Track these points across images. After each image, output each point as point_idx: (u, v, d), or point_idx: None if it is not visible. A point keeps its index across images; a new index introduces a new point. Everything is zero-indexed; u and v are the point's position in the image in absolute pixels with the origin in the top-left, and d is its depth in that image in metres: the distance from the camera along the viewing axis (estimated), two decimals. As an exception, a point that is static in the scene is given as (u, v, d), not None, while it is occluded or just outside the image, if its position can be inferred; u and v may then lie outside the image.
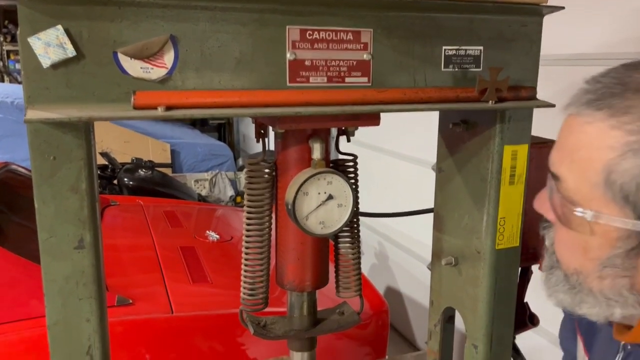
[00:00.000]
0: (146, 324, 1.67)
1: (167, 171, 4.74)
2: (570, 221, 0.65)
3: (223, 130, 7.68)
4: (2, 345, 1.53)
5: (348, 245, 0.93)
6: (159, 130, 5.33)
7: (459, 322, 1.12)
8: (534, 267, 1.09)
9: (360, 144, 2.15)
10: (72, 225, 0.69)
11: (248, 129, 6.71)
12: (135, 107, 0.66)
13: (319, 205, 0.83)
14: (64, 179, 0.67)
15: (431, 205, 1.11)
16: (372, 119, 0.82)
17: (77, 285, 0.70)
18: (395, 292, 3.70)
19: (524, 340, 1.19)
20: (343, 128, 0.87)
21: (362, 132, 0.87)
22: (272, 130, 0.82)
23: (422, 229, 3.26)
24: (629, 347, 0.73)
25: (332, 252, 0.97)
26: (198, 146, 5.53)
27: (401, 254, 3.63)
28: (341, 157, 0.93)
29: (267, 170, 0.87)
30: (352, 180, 0.87)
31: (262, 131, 0.87)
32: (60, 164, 0.66)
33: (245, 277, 0.90)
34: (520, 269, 1.04)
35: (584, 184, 0.62)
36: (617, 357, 0.74)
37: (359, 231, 0.93)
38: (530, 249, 1.04)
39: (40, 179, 0.66)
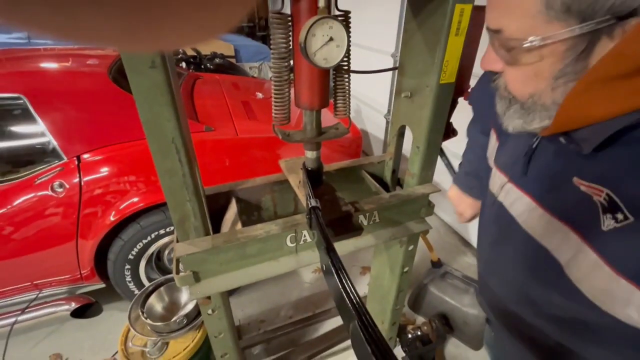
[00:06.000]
0: (223, 141, 1.59)
1: (232, 61, 4.34)
2: (519, 59, 0.43)
3: (264, 37, 6.94)
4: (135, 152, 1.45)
5: (342, 77, 0.75)
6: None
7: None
8: (460, 100, 0.92)
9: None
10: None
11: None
12: None
13: (323, 45, 0.63)
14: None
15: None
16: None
17: (157, 95, 0.55)
18: (364, 131, 3.60)
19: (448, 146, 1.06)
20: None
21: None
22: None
23: (382, 93, 3.10)
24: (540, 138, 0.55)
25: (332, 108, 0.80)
26: (250, 47, 4.99)
27: (368, 110, 3.46)
28: (338, 12, 0.71)
29: (285, 19, 0.66)
30: (347, 28, 0.66)
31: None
32: None
33: (275, 101, 0.74)
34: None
35: (525, 20, 0.40)
36: (532, 144, 0.56)
37: (349, 69, 0.75)
38: (458, 86, 0.87)
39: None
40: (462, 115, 1.02)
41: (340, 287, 0.42)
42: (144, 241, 1.56)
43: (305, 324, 1.63)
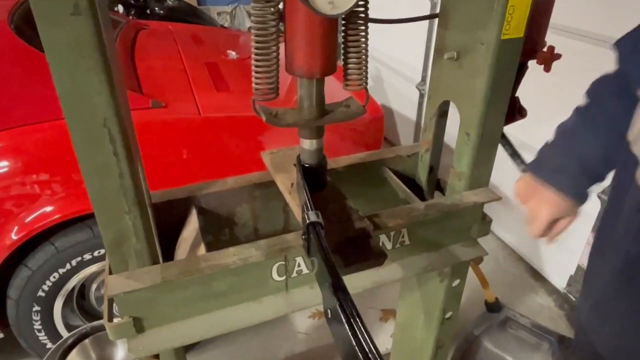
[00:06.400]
0: (178, 123, 1.60)
1: (193, 2, 4.37)
2: None
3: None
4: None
5: (357, 30, 0.75)
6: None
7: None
8: (530, 63, 0.92)
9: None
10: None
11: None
12: None
13: (329, -19, 0.63)
14: None
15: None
16: None
17: (81, 56, 0.55)
18: (388, 109, 3.63)
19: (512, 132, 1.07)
20: None
21: None
22: None
23: (414, 53, 3.11)
24: None
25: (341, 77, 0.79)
26: (219, -19, 5.03)
27: (394, 77, 3.48)
28: None
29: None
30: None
31: None
32: None
33: (256, 65, 0.74)
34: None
35: None
36: None
37: (367, 17, 0.74)
38: (530, 44, 0.87)
39: None
40: (534, 85, 1.02)
41: (353, 340, 0.42)
42: (61, 271, 1.56)
43: (299, 394, 1.63)
